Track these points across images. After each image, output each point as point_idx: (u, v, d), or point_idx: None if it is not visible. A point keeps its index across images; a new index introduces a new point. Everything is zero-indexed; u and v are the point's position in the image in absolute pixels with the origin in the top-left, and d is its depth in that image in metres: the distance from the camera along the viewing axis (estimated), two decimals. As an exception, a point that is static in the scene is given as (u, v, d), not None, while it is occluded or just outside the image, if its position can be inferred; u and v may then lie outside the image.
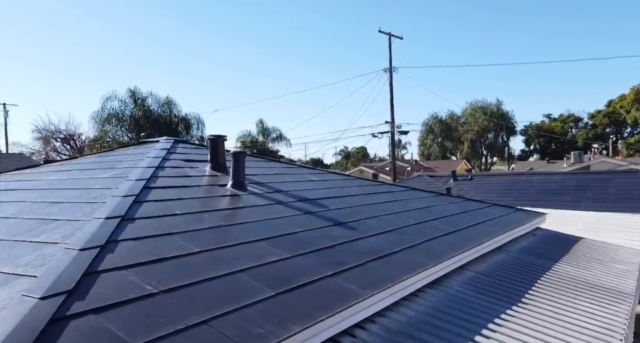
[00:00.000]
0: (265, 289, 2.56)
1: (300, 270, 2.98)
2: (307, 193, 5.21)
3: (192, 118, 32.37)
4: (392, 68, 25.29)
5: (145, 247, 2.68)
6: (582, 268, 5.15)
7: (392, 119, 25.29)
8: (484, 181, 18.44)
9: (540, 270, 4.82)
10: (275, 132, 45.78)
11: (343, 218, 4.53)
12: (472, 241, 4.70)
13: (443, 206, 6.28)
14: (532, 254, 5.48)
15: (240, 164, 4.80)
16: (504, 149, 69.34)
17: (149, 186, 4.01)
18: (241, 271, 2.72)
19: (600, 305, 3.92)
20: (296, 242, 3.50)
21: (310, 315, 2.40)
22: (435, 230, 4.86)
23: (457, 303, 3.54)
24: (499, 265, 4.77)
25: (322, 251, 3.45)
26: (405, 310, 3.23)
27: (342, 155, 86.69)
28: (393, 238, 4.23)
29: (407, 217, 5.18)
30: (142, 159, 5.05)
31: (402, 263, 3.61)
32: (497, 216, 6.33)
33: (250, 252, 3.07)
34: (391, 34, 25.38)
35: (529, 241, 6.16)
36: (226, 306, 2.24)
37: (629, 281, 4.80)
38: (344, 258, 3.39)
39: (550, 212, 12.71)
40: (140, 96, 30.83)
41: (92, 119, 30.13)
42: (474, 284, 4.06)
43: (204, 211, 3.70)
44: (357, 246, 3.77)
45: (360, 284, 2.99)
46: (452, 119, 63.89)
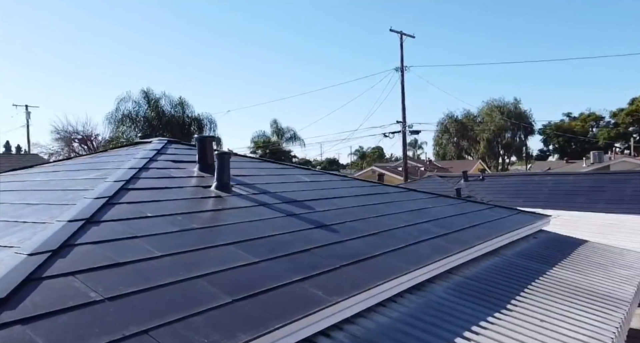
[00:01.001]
0: (222, 295, 2.48)
1: (266, 275, 2.90)
2: (294, 195, 5.12)
3: (204, 118, 32.63)
4: (404, 67, 25.07)
5: (103, 251, 2.62)
6: (580, 273, 4.96)
7: (404, 118, 25.04)
8: (495, 182, 18.12)
9: (534, 274, 4.65)
10: (290, 132, 45.84)
11: (327, 220, 4.43)
12: (462, 245, 4.56)
13: (439, 208, 6.13)
14: (529, 258, 5.30)
15: (225, 165, 4.74)
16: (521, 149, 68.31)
17: (127, 187, 3.97)
18: (201, 276, 2.64)
19: (591, 313, 3.75)
20: (269, 246, 3.42)
21: (264, 323, 2.32)
22: (424, 232, 4.73)
23: (437, 309, 3.41)
24: (490, 269, 4.62)
25: (295, 255, 3.36)
26: (378, 317, 3.12)
27: (358, 155, 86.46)
28: (376, 241, 4.11)
29: (397, 219, 5.05)
30: (129, 160, 5.03)
31: (380, 268, 3.50)
32: (495, 219, 6.16)
33: (216, 256, 3.00)
34: (402, 32, 25.14)
35: (528, 244, 5.98)
36: (174, 314, 2.16)
37: (627, 287, 4.60)
38: (317, 263, 3.30)
39: (562, 214, 12.48)
40: (154, 97, 31.16)
41: (106, 120, 30.60)
42: (459, 289, 3.93)
43: (179, 214, 3.63)
44: (334, 249, 3.67)
45: (327, 290, 2.89)
46: (468, 119, 63.19)
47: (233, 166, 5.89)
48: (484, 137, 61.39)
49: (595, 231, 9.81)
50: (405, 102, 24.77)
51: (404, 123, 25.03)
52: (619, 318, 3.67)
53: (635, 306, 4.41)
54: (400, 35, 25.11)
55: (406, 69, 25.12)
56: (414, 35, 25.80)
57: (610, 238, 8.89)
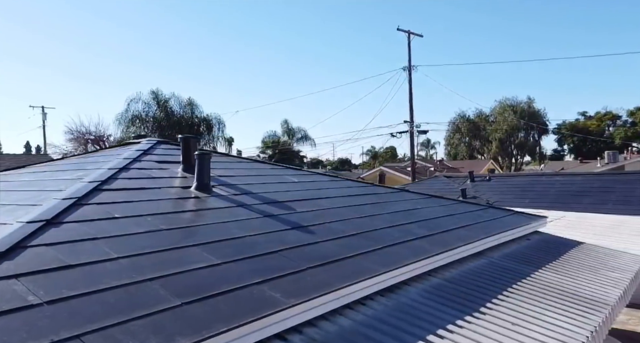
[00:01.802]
0: (172, 299, 2.45)
1: (225, 277, 2.87)
2: (277, 195, 5.09)
3: (213, 119, 32.79)
4: (411, 67, 24.90)
5: (55, 253, 2.61)
6: (568, 275, 4.85)
7: (411, 118, 24.86)
8: (502, 182, 17.90)
9: (518, 277, 4.56)
10: (301, 132, 45.87)
11: (306, 221, 4.39)
12: (444, 246, 4.49)
13: (429, 209, 6.05)
14: (517, 260, 5.20)
15: (205, 165, 4.73)
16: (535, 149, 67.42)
17: (101, 188, 3.98)
18: (154, 279, 2.62)
19: (568, 316, 3.66)
20: (237, 247, 3.39)
21: (209, 326, 2.28)
22: (407, 233, 4.66)
23: (406, 312, 3.35)
24: (473, 272, 4.53)
25: (262, 256, 3.33)
26: (343, 320, 3.07)
27: (370, 155, 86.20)
28: (353, 243, 4.07)
29: (381, 220, 5.00)
30: (112, 160, 5.05)
31: (349, 270, 3.45)
32: (486, 220, 6.06)
33: (177, 258, 2.98)
34: (410, 31, 24.96)
35: (519, 246, 5.87)
36: (113, 318, 2.14)
37: (613, 290, 4.49)
38: (284, 265, 3.26)
39: (567, 215, 12.28)
40: (163, 98, 31.43)
41: (116, 120, 30.95)
42: (435, 292, 3.86)
43: (149, 215, 3.63)
44: (305, 251, 3.63)
45: (287, 292, 2.86)
46: (480, 118, 62.52)
47: (220, 167, 5.91)
48: (496, 137, 60.67)
49: (598, 233, 9.63)
50: (413, 102, 24.62)
51: (411, 123, 24.86)
52: (596, 322, 3.58)
53: (619, 309, 4.30)
54: (408, 34, 24.94)
55: (414, 68, 25.01)
56: (421, 34, 25.69)
57: (612, 240, 8.71)
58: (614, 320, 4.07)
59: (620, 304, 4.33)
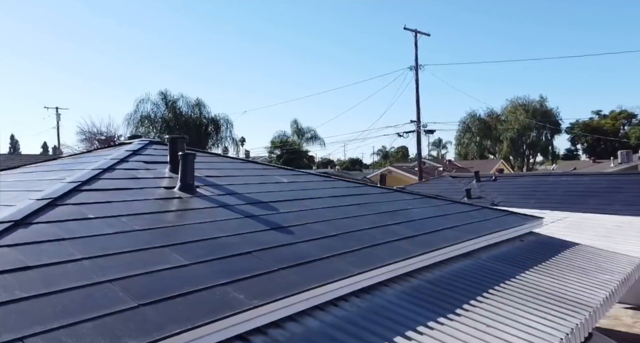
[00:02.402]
0: (129, 300, 2.45)
1: (190, 278, 2.87)
2: (263, 196, 5.09)
3: (221, 119, 32.95)
4: (418, 66, 24.74)
5: (16, 255, 2.64)
6: (554, 277, 4.77)
7: (418, 118, 24.72)
8: (508, 183, 17.73)
9: (503, 278, 4.49)
10: (310, 132, 45.91)
11: (287, 222, 4.38)
12: (426, 247, 4.45)
13: (419, 210, 6.00)
14: (505, 261, 5.14)
15: (189, 166, 4.74)
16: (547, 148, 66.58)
17: (80, 188, 4.01)
18: (115, 280, 2.63)
19: (546, 318, 3.60)
20: (210, 248, 3.39)
21: (161, 328, 2.28)
22: (390, 234, 4.63)
23: (378, 313, 3.32)
24: (457, 273, 4.48)
25: (234, 257, 3.33)
26: (311, 321, 3.05)
27: (381, 155, 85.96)
28: (331, 244, 4.04)
29: (366, 221, 4.96)
30: (99, 160, 5.08)
31: (322, 271, 3.43)
32: (478, 221, 5.99)
33: (144, 259, 2.98)
34: (417, 30, 24.80)
35: (511, 247, 5.79)
36: (62, 320, 2.14)
37: (599, 292, 4.41)
38: (254, 266, 3.26)
39: (571, 216, 12.11)
40: (171, 98, 31.68)
41: (125, 121, 31.27)
42: (413, 293, 3.82)
43: (125, 215, 3.64)
44: (280, 252, 3.62)
45: (252, 293, 2.85)
46: (492, 118, 61.85)
47: (210, 167, 5.93)
48: (507, 136, 60.02)
49: (601, 234, 9.46)
50: (420, 102, 24.49)
51: (418, 122, 24.72)
52: (574, 324, 3.51)
53: (604, 311, 4.22)
54: (415, 33, 24.80)
55: (421, 68, 24.86)
56: (429, 33, 25.52)
57: (614, 241, 8.55)
58: (597, 322, 4.00)
59: (604, 306, 4.25)
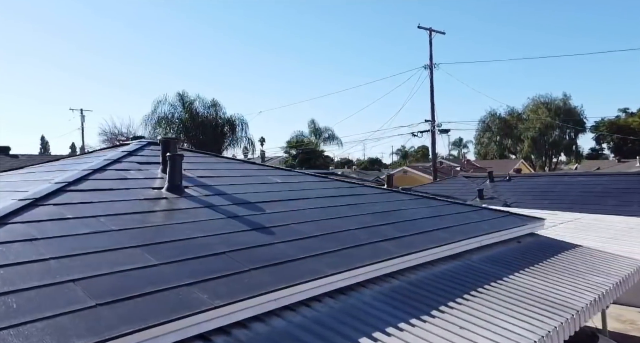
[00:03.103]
0: (87, 300, 2.50)
1: (155, 278, 2.91)
2: (253, 196, 5.12)
3: (236, 119, 33.24)
4: (433, 65, 24.50)
5: (-15, 252, 2.71)
6: (544, 279, 4.69)
7: (433, 117, 24.50)
8: (522, 183, 17.43)
9: (489, 280, 4.43)
10: (327, 132, 45.87)
11: (271, 222, 4.40)
12: (410, 248, 4.42)
13: (413, 210, 5.96)
14: (496, 263, 5.06)
15: (176, 167, 4.81)
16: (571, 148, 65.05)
17: (66, 189, 4.11)
18: (78, 280, 2.68)
19: (523, 320, 3.55)
20: (184, 248, 3.43)
21: (116, 328, 2.32)
22: (375, 235, 4.61)
23: (350, 314, 3.32)
24: (442, 274, 4.44)
25: (206, 258, 3.36)
26: (278, 321, 3.07)
27: (400, 155, 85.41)
28: (311, 244, 4.05)
29: (354, 222, 4.96)
30: (92, 161, 5.19)
31: (295, 271, 3.45)
32: (472, 222, 5.92)
33: (112, 259, 3.04)
34: (432, 29, 24.58)
35: (505, 248, 5.70)
36: (14, 320, 2.19)
37: (587, 295, 4.31)
38: (226, 266, 3.29)
39: (582, 217, 11.83)
40: (188, 100, 32.11)
41: (143, 121, 31.85)
42: (391, 294, 3.80)
43: (104, 216, 3.71)
44: (255, 253, 3.64)
45: (216, 293, 2.88)
46: (512, 116, 60.70)
47: (205, 168, 6.00)
48: (528, 135, 58.83)
49: (611, 236, 9.22)
50: (435, 101, 24.28)
51: (432, 122, 24.48)
52: (552, 327, 3.45)
53: (590, 313, 4.13)
54: (430, 32, 24.58)
55: (436, 66, 24.60)
56: (443, 31, 25.28)
57: (621, 243, 8.32)
58: (581, 325, 3.91)
59: (592, 309, 4.16)
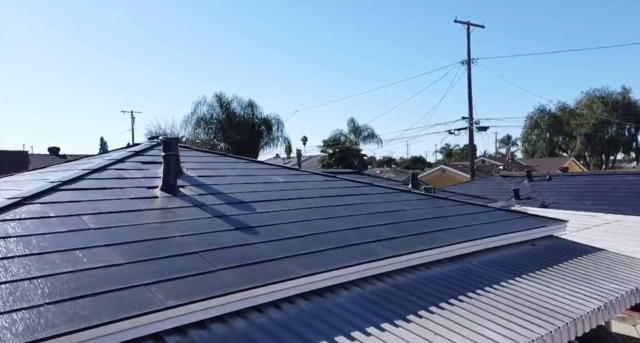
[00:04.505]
0: (37, 299, 2.54)
1: (115, 277, 2.93)
2: (248, 196, 5.11)
3: (272, 119, 33.59)
4: (471, 60, 23.76)
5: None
6: (547, 285, 4.41)
7: (470, 114, 23.76)
8: (563, 182, 16.65)
9: (484, 285, 4.22)
10: (367, 130, 45.49)
11: (259, 222, 4.38)
12: (402, 250, 4.28)
13: (416, 211, 5.77)
14: (499, 267, 4.82)
15: (171, 166, 4.87)
16: (630, 145, 61.38)
17: (59, 188, 4.23)
18: (35, 278, 2.73)
19: (509, 328, 3.35)
20: (155, 248, 3.45)
21: (55, 327, 2.36)
22: (367, 236, 4.49)
23: (319, 317, 3.24)
24: (434, 277, 4.27)
25: (175, 257, 3.37)
26: (239, 322, 3.02)
27: (444, 153, 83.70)
28: (293, 245, 3.99)
29: (349, 222, 4.85)
30: (95, 161, 5.35)
31: (265, 272, 3.40)
32: (479, 223, 5.66)
33: (78, 258, 3.09)
34: (469, 23, 23.84)
35: (514, 251, 5.42)
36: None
37: (590, 303, 4.02)
38: (195, 266, 3.28)
39: (623, 219, 11.08)
40: (226, 100, 32.75)
41: (183, 122, 32.81)
42: (371, 297, 3.68)
43: (87, 214, 3.80)
44: (230, 252, 3.63)
45: (174, 293, 2.88)
46: (563, 112, 57.91)
47: (208, 167, 6.05)
48: (581, 132, 56.00)
49: (646, 239, 8.59)
50: (473, 98, 23.54)
51: (470, 119, 23.73)
52: (537, 335, 3.23)
53: (593, 322, 3.84)
54: (467, 26, 23.85)
55: (474, 62, 23.83)
56: (483, 24, 24.46)
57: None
58: (577, 334, 3.64)
59: (593, 317, 3.86)
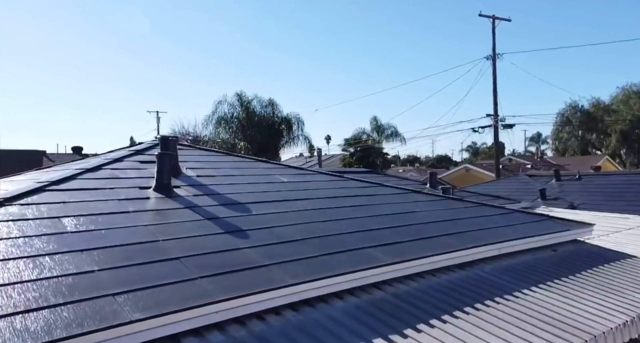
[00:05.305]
0: None
1: (80, 287, 2.72)
2: (247, 197, 4.88)
3: (292, 118, 33.38)
4: (496, 55, 23.00)
5: None
6: (567, 296, 4.03)
7: (495, 111, 22.99)
8: (595, 182, 15.85)
9: (494, 295, 3.88)
10: (390, 129, 44.77)
11: (253, 225, 4.14)
12: (403, 256, 3.97)
13: (426, 213, 5.44)
14: (514, 275, 4.45)
15: (165, 166, 4.68)
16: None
17: (46, 188, 4.09)
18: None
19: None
20: (134, 253, 3.25)
21: (4, 339, 2.16)
22: (369, 240, 4.21)
23: (303, 330, 2.98)
24: (438, 286, 3.95)
25: (153, 264, 3.16)
26: (215, 336, 2.78)
27: (470, 151, 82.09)
28: (284, 250, 3.74)
29: (352, 225, 4.57)
30: (92, 160, 5.21)
31: (250, 280, 3.16)
32: (494, 226, 5.29)
33: (45, 265, 2.90)
34: (495, 16, 23.08)
35: (531, 258, 5.02)
36: None
37: (618, 317, 3.62)
38: (171, 273, 3.06)
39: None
40: (246, 99, 32.69)
41: (204, 121, 32.95)
42: (367, 308, 3.40)
43: (68, 216, 3.63)
44: (215, 258, 3.40)
45: (142, 305, 2.66)
46: (597, 108, 55.78)
47: (210, 166, 5.85)
48: (616, 129, 53.84)
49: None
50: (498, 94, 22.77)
51: (495, 116, 22.96)
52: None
53: (616, 340, 3.44)
54: (493, 19, 23.08)
55: (499, 57, 23.05)
56: (509, 18, 23.63)
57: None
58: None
59: (619, 334, 3.46)
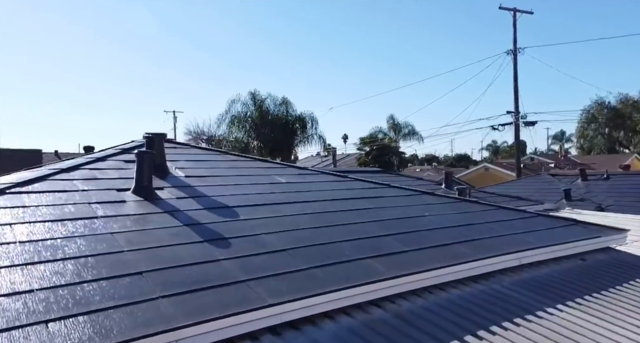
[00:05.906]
0: None
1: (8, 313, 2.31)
2: (235, 200, 4.44)
3: (306, 117, 32.93)
4: (517, 49, 22.12)
5: None
6: (600, 317, 3.47)
7: (516, 108, 22.13)
8: (623, 182, 14.98)
9: (514, 315, 3.35)
10: (407, 127, 44.02)
11: (236, 232, 3.70)
12: (406, 268, 3.47)
13: (437, 218, 4.91)
14: (536, 290, 3.90)
15: (145, 166, 4.25)
16: None
17: (7, 190, 3.71)
18: None
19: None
20: (86, 267, 2.83)
21: None
22: (366, 249, 3.73)
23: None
24: (448, 303, 3.43)
25: (108, 280, 2.74)
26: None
27: (491, 150, 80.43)
28: (266, 262, 3.29)
29: (350, 232, 4.09)
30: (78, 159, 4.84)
31: (221, 300, 2.70)
32: (514, 233, 4.74)
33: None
34: (516, 9, 22.20)
35: (557, 268, 4.45)
36: None
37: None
38: (126, 292, 2.63)
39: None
40: (260, 98, 32.39)
41: (217, 120, 32.78)
42: (360, 331, 2.93)
43: (23, 223, 3.24)
44: (184, 273, 2.97)
45: (76, 336, 2.21)
46: (625, 105, 53.68)
47: (201, 166, 5.43)
48: (645, 126, 51.83)
49: None
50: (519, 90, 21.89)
51: (516, 113, 22.08)
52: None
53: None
54: (514, 12, 22.19)
55: (520, 51, 22.18)
56: (531, 10, 22.67)
57: None
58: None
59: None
